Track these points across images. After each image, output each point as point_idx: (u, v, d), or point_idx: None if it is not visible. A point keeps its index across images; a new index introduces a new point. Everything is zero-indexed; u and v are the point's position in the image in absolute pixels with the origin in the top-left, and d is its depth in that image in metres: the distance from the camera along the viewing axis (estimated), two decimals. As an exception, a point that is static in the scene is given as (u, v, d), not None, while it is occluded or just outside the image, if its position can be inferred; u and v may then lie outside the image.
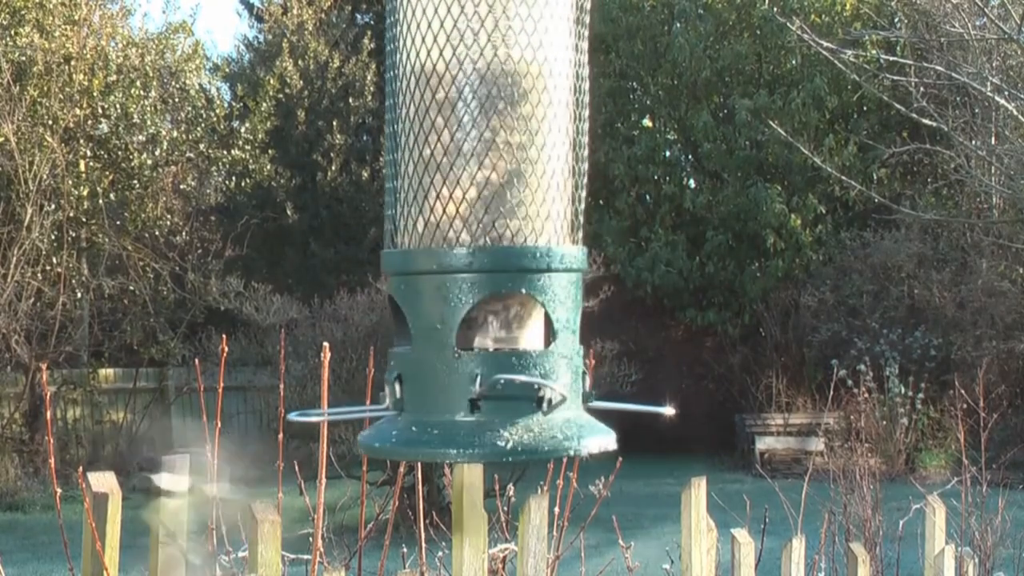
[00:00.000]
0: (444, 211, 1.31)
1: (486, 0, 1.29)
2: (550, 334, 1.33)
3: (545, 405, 1.29)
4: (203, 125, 15.49)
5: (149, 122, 14.53)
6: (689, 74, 16.29)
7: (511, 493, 2.86)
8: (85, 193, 13.98)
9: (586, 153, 1.37)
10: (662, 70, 16.52)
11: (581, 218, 1.37)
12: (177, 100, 15.47)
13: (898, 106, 12.57)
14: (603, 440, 1.33)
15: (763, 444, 14.27)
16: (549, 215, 1.33)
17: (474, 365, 1.28)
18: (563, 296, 1.33)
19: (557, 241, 1.33)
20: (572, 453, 1.29)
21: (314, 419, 1.43)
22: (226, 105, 16.58)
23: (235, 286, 13.98)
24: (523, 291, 1.30)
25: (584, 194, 1.37)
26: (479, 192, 1.30)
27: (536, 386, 1.29)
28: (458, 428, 1.28)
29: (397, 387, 1.32)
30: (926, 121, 12.26)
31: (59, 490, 2.25)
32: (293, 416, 1.40)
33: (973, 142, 13.33)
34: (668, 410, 1.45)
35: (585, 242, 1.39)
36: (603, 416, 1.38)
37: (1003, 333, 14.00)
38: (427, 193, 1.31)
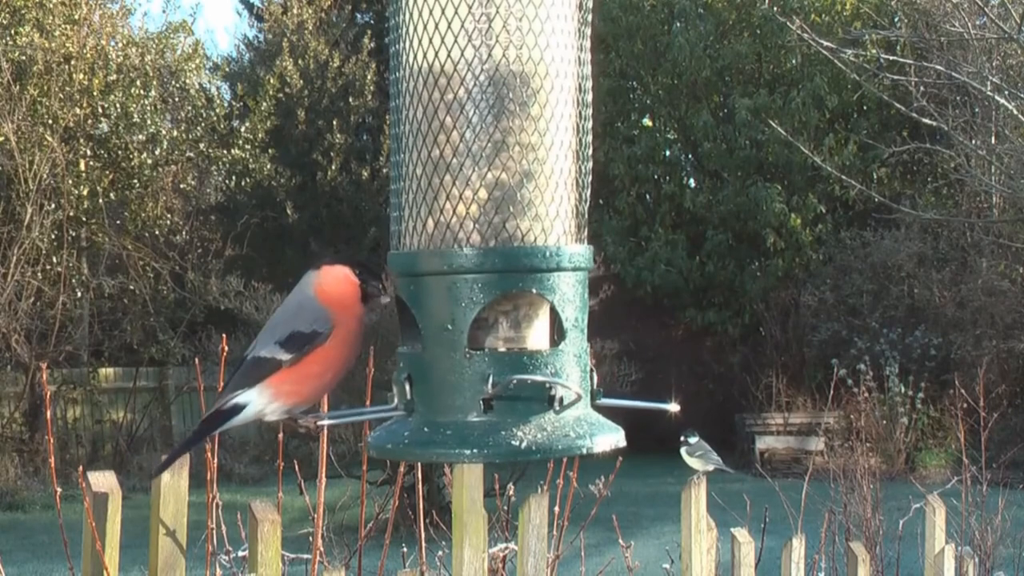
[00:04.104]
0: (454, 212, 1.30)
1: (493, 0, 1.29)
2: (558, 333, 1.33)
3: (557, 404, 1.29)
4: (203, 124, 15.48)
5: (149, 121, 14.52)
6: (689, 74, 16.28)
7: (511, 493, 2.86)
8: (85, 192, 13.97)
9: (590, 152, 1.37)
10: (662, 70, 16.51)
11: (586, 217, 1.37)
12: (177, 99, 15.46)
13: (898, 105, 12.55)
14: (614, 437, 1.33)
15: (763, 443, 14.26)
16: (558, 214, 1.32)
17: (486, 365, 1.28)
18: (571, 295, 1.32)
19: (565, 240, 1.33)
20: (585, 451, 1.29)
21: (325, 422, 1.41)
22: (226, 104, 16.57)
23: (235, 285, 13.96)
24: (534, 291, 1.30)
25: (589, 193, 1.37)
26: (489, 192, 1.30)
27: (548, 385, 1.28)
28: (471, 428, 1.28)
29: (407, 388, 1.31)
30: (926, 120, 12.25)
31: (59, 490, 2.25)
32: (296, 418, 1.38)
33: (973, 141, 13.31)
34: (673, 407, 1.45)
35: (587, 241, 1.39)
36: (606, 415, 1.38)
37: (1003, 333, 13.99)
38: (436, 194, 1.31)
